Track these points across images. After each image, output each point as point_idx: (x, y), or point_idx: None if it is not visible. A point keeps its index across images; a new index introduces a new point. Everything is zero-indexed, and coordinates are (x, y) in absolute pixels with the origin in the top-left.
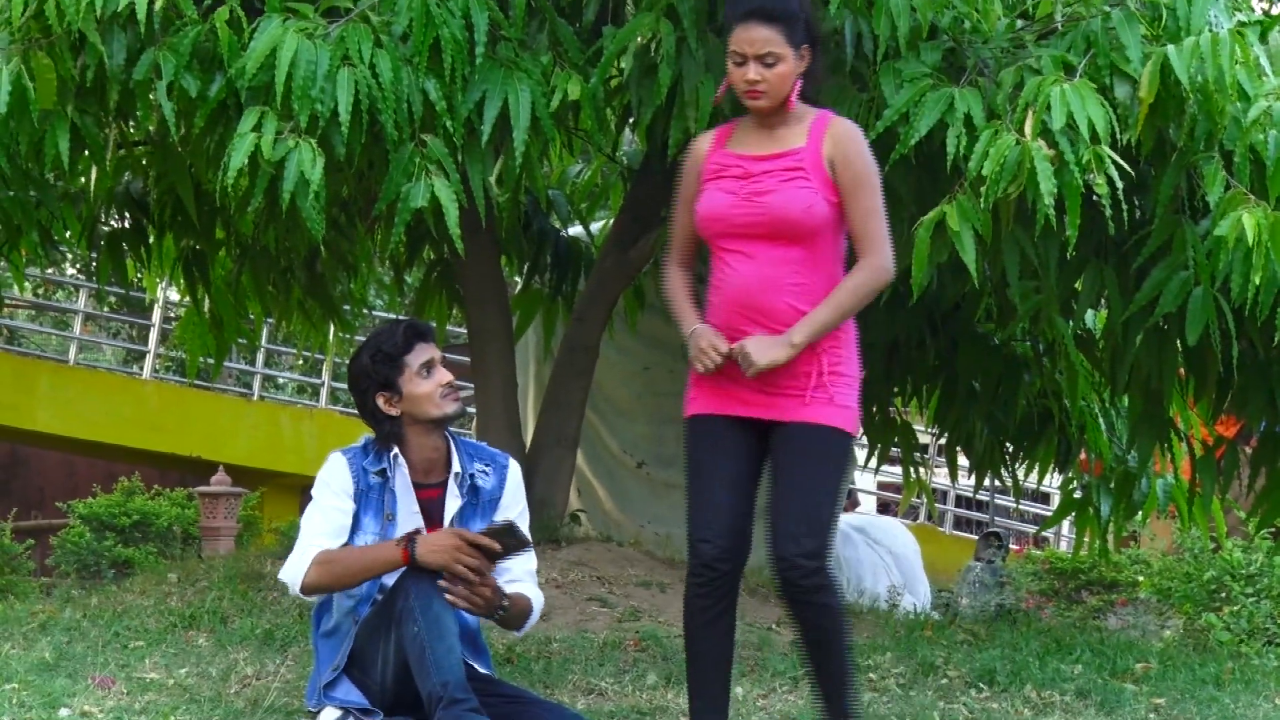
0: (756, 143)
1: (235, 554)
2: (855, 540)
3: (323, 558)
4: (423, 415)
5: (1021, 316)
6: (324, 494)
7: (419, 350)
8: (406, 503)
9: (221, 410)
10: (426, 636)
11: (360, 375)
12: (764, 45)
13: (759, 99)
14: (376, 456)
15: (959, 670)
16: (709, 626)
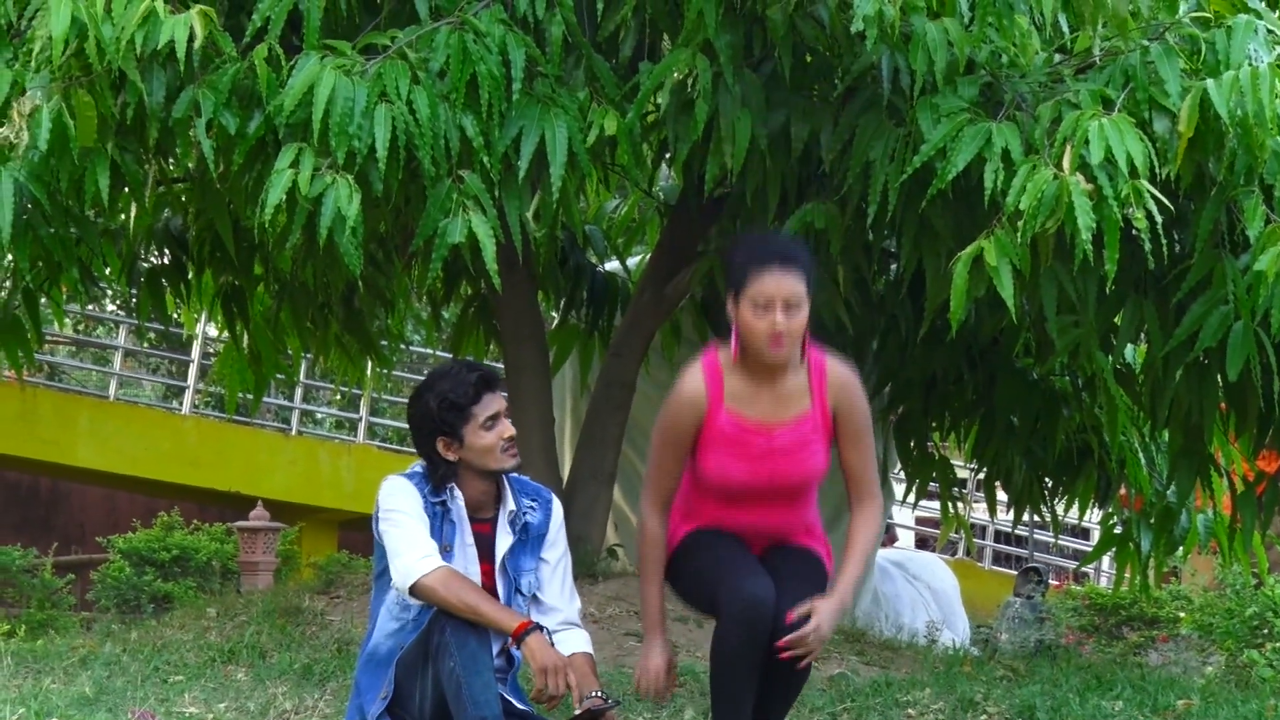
0: (764, 403)
1: (274, 589)
2: (893, 575)
3: (449, 576)
4: (481, 466)
5: (1060, 351)
6: (401, 513)
7: (486, 401)
8: (462, 535)
9: (260, 445)
10: (463, 672)
11: (423, 418)
12: (790, 292)
13: (781, 348)
14: (435, 489)
15: (999, 707)
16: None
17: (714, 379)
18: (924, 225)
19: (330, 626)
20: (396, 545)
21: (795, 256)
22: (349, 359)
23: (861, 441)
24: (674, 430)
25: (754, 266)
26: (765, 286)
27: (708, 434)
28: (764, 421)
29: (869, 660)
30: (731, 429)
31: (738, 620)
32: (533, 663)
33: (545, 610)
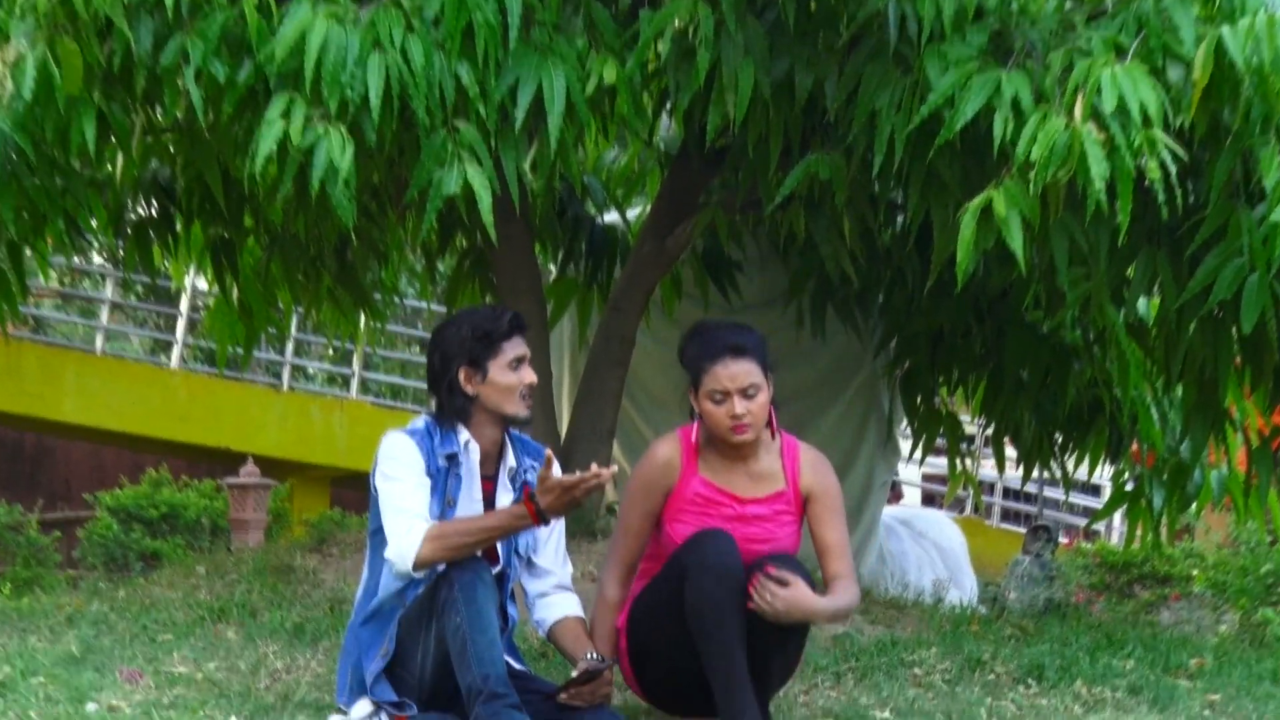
0: (737, 478)
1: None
2: (899, 533)
3: (435, 532)
4: (496, 407)
5: (1071, 304)
6: (401, 470)
7: (517, 341)
8: (470, 490)
9: (250, 401)
10: (469, 629)
11: (453, 343)
12: (746, 378)
13: (746, 433)
14: (445, 439)
15: (1007, 666)
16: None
17: (689, 449)
18: (931, 176)
19: (322, 585)
20: (388, 521)
21: (746, 344)
22: (341, 312)
23: (834, 519)
24: (644, 490)
25: (706, 361)
26: (720, 379)
27: (677, 500)
28: (735, 494)
29: (874, 619)
30: (703, 492)
31: (706, 569)
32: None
33: (538, 573)
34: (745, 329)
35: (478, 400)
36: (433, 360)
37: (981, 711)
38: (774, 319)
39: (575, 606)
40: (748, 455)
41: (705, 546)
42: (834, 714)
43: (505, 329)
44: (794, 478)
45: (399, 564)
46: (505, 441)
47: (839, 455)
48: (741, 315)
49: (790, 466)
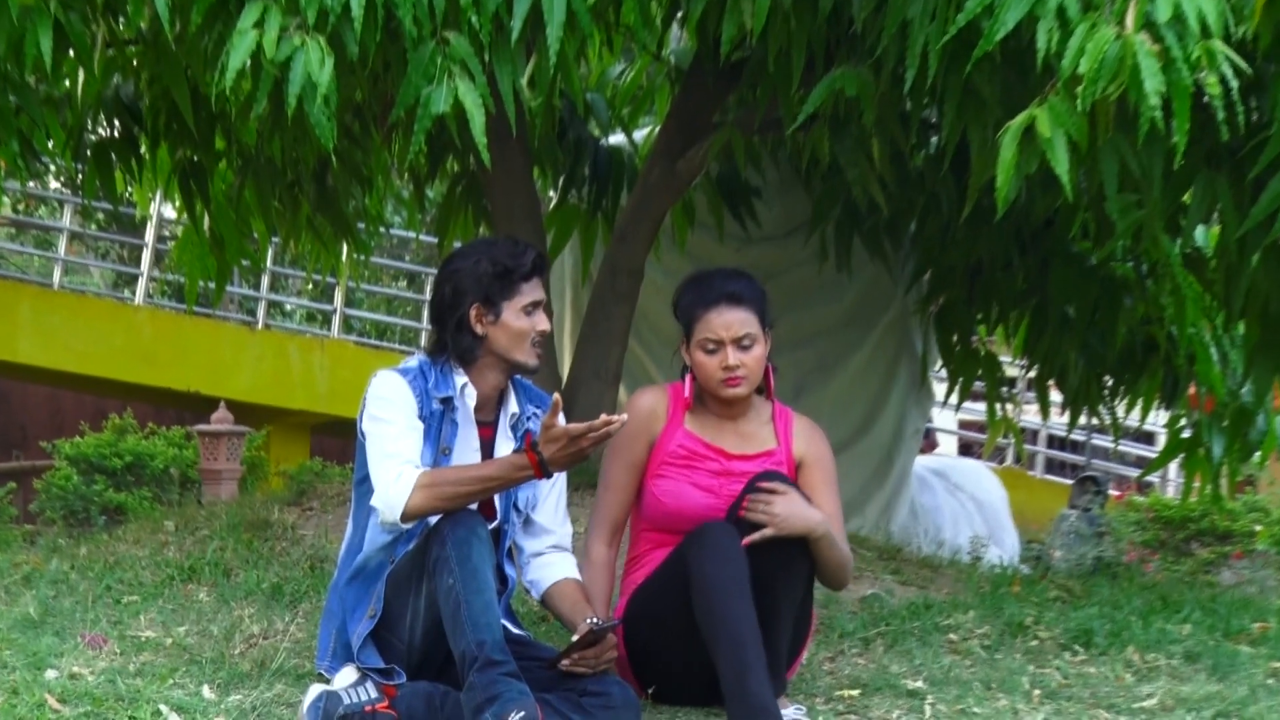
0: (726, 435)
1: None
2: (934, 486)
3: (427, 480)
4: (505, 352)
5: (1121, 233)
6: (391, 412)
7: (535, 285)
8: (467, 437)
9: (223, 340)
10: (463, 590)
11: (468, 277)
12: (741, 327)
13: (738, 385)
14: (441, 381)
15: (1051, 631)
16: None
17: (677, 401)
18: (968, 92)
19: (302, 542)
20: (375, 466)
21: (743, 292)
22: (322, 243)
23: (830, 489)
24: (626, 439)
25: (700, 308)
26: (713, 327)
27: (659, 454)
28: (723, 449)
29: (905, 579)
30: (687, 444)
31: (708, 546)
32: (566, 468)
33: (535, 532)
34: (744, 276)
35: (485, 342)
36: (442, 292)
37: (1023, 680)
38: (795, 251)
39: (573, 569)
40: (738, 414)
41: (706, 534)
42: (862, 683)
43: (527, 268)
44: (786, 440)
45: (386, 513)
46: (507, 386)
47: (867, 400)
48: (760, 247)
49: (783, 430)
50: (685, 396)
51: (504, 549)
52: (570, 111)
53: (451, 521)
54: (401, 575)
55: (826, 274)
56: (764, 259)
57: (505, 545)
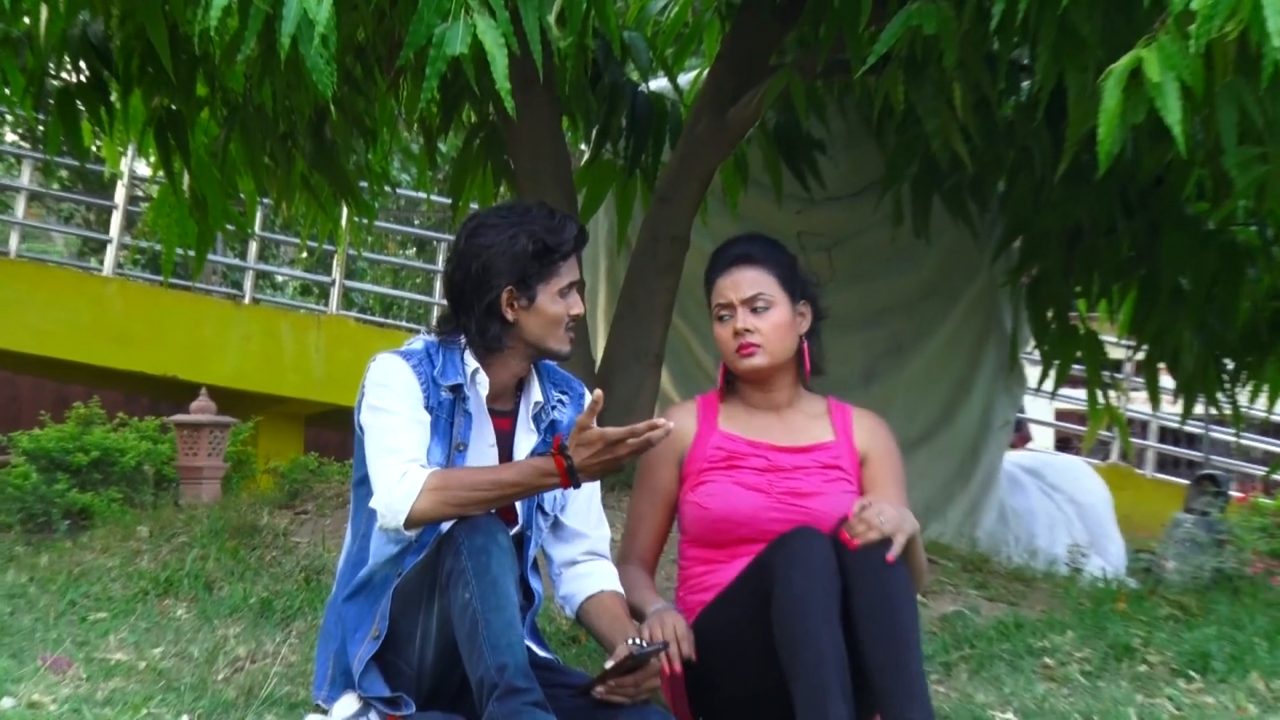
0: (770, 429)
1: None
2: (1026, 486)
3: (437, 482)
4: (537, 340)
5: (1242, 192)
6: (393, 400)
7: (573, 264)
8: (481, 431)
9: (204, 317)
10: (481, 606)
11: (502, 257)
12: (751, 287)
13: (753, 354)
14: (448, 366)
15: (1162, 655)
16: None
17: (708, 409)
18: (1065, 30)
19: (295, 551)
20: (374, 464)
21: (754, 252)
22: (319, 205)
23: (899, 489)
24: (648, 465)
25: (714, 275)
26: (722, 290)
27: (694, 464)
28: (772, 443)
29: (993, 594)
30: (725, 445)
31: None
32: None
33: (566, 536)
34: (763, 239)
35: (515, 328)
36: (467, 268)
37: (1130, 712)
38: (865, 214)
39: (612, 579)
40: (780, 404)
41: (794, 542)
42: (943, 715)
43: (569, 245)
44: (846, 433)
45: (387, 519)
46: (529, 371)
47: (948, 387)
48: (824, 209)
49: (841, 422)
50: (717, 395)
51: (529, 558)
52: (605, 53)
53: (468, 527)
54: (410, 590)
55: (901, 240)
56: (828, 223)
57: (530, 554)
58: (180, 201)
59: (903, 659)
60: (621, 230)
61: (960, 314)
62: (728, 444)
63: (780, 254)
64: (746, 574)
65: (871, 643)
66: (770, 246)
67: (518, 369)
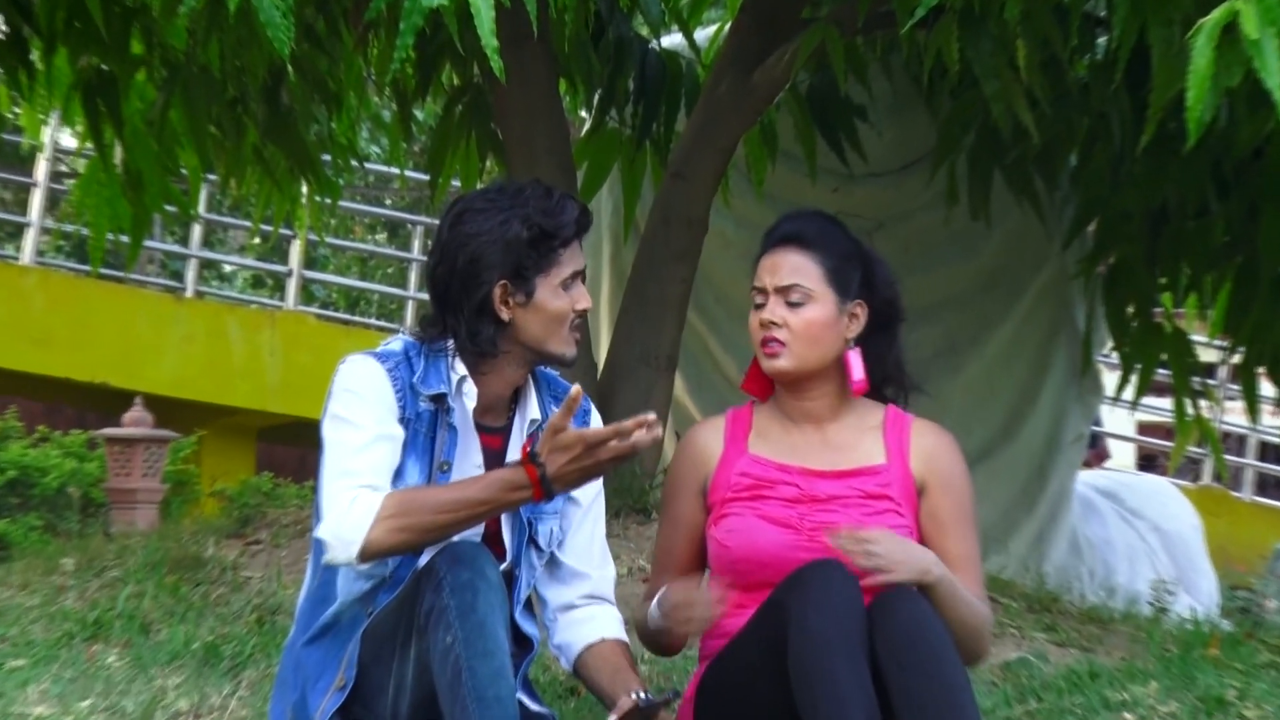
0: (806, 448)
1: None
2: (1102, 511)
3: (393, 507)
4: (536, 342)
5: None
6: (360, 411)
7: (576, 251)
8: (468, 449)
9: (139, 313)
10: (465, 652)
11: (493, 245)
12: (789, 274)
13: (776, 353)
14: (430, 372)
15: (1262, 709)
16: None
17: (738, 423)
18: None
19: (246, 587)
20: (325, 487)
21: (806, 234)
22: (273, 182)
23: (964, 523)
24: (670, 493)
25: (761, 252)
26: (760, 271)
27: (718, 491)
28: (805, 467)
29: (1063, 639)
30: (752, 471)
31: (813, 589)
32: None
33: (564, 576)
34: (825, 220)
35: (511, 329)
36: (453, 261)
37: None
38: (914, 192)
39: (615, 626)
40: (820, 415)
41: (810, 577)
42: None
43: (570, 230)
44: (901, 454)
45: (337, 551)
46: (526, 382)
47: (1012, 393)
48: (865, 186)
49: (896, 440)
50: (750, 409)
51: (519, 598)
52: (610, 4)
53: (450, 558)
54: (382, 632)
55: (956, 223)
56: (870, 203)
57: (521, 593)
58: (111, 178)
59: (955, 700)
60: (628, 212)
61: (1025, 310)
62: (755, 469)
63: (838, 240)
64: (758, 617)
65: (908, 683)
66: (828, 229)
67: (514, 377)
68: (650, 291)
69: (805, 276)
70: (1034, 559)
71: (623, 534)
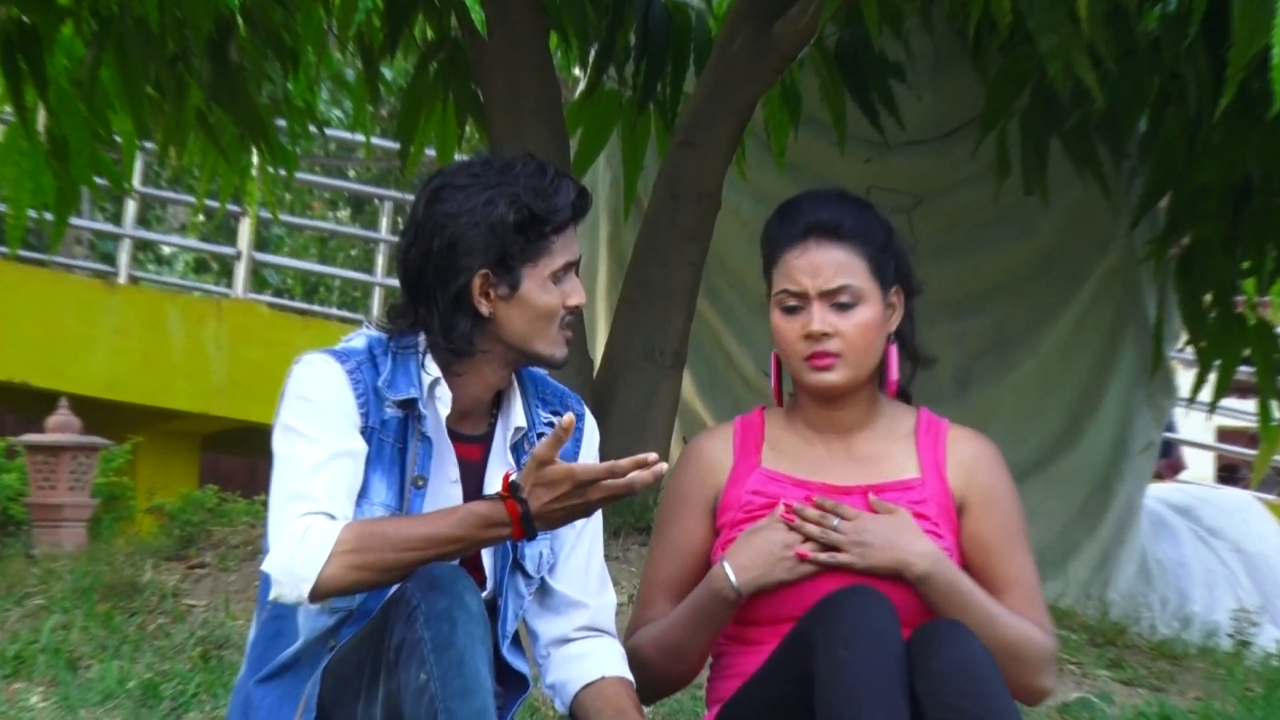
0: (829, 460)
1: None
2: (1177, 531)
3: (354, 540)
4: (520, 340)
5: None
6: (314, 422)
7: (570, 238)
8: (444, 463)
9: (66, 302)
10: (442, 691)
11: (474, 229)
12: (835, 275)
13: (828, 367)
14: (399, 375)
15: None
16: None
17: (748, 432)
18: None
19: (189, 617)
20: (272, 512)
21: (843, 221)
22: (219, 151)
23: (1015, 541)
24: (670, 511)
25: (779, 247)
26: (794, 273)
27: (728, 511)
28: (824, 482)
29: (1130, 676)
30: (766, 490)
31: (842, 634)
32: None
33: (556, 606)
34: (856, 203)
35: (492, 326)
36: (428, 244)
37: None
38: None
39: (618, 661)
40: (850, 425)
41: (841, 607)
42: None
43: (565, 214)
44: (937, 466)
45: (285, 588)
46: (510, 384)
47: (1072, 394)
48: (902, 156)
49: (931, 450)
50: (760, 416)
51: (505, 630)
52: None
53: (425, 584)
54: (347, 668)
55: (1007, 199)
56: (909, 175)
57: (508, 625)
58: (34, 146)
59: None
60: (629, 185)
61: (1087, 299)
62: (770, 486)
63: (874, 224)
64: (779, 653)
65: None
66: (863, 214)
67: (494, 379)
68: (654, 277)
69: (853, 274)
70: (1097, 585)
71: (623, 556)
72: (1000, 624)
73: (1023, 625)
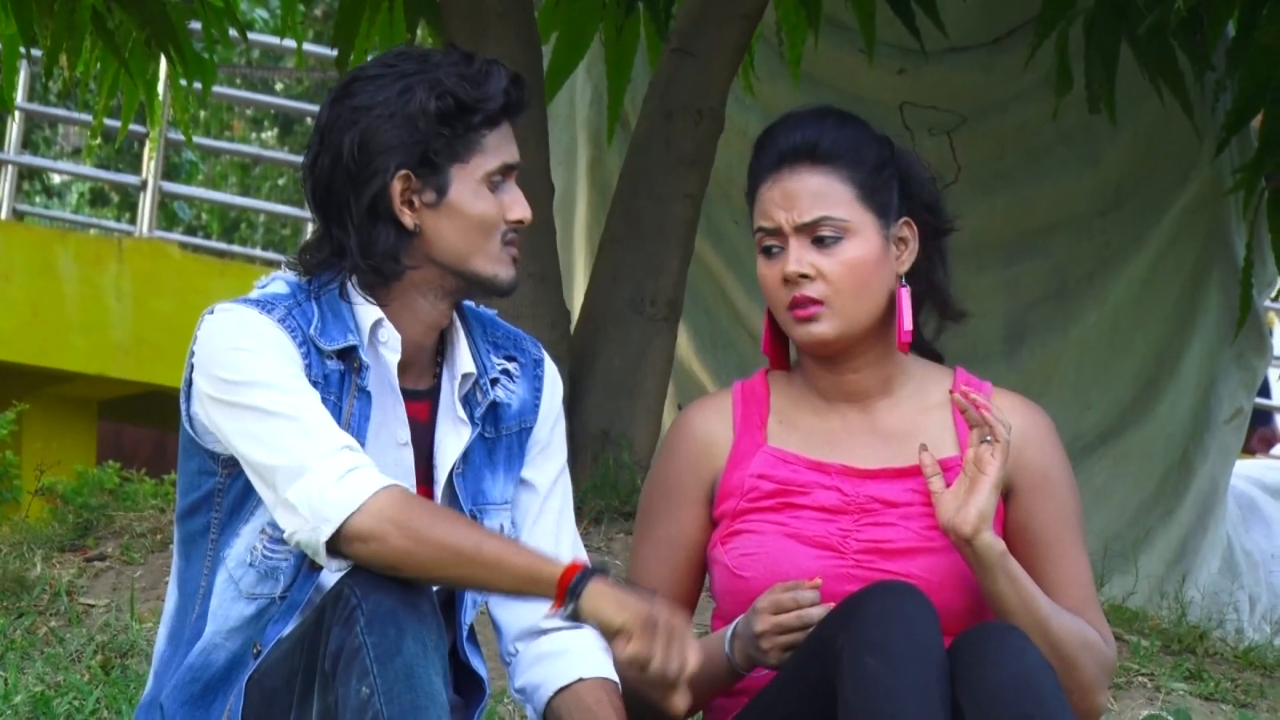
0: (847, 438)
1: None
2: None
3: (401, 504)
4: (454, 259)
5: None
6: (271, 367)
7: (505, 135)
8: (389, 422)
9: None
10: (388, 708)
11: (389, 123)
12: (812, 203)
13: (814, 318)
14: (330, 321)
15: None
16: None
17: (751, 402)
18: None
19: (87, 619)
20: (288, 457)
21: (822, 143)
22: (120, 61)
23: (1068, 530)
24: (657, 496)
25: (755, 177)
26: (768, 206)
27: (728, 498)
28: (843, 464)
29: (1211, 687)
30: (774, 474)
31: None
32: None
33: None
34: (838, 116)
35: (418, 241)
36: (337, 147)
37: None
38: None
39: (597, 659)
40: (864, 391)
41: (872, 607)
42: None
43: (495, 104)
44: None
45: (301, 527)
46: (452, 323)
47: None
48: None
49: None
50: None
51: (463, 620)
52: None
53: (363, 579)
54: (274, 681)
55: (1069, 118)
56: (950, 89)
57: (466, 614)
58: None
59: None
60: (614, 102)
61: (1163, 238)
62: (778, 469)
63: (862, 140)
64: (797, 661)
65: None
66: (845, 130)
67: (432, 315)
68: (645, 212)
69: (835, 204)
70: (1173, 581)
71: (606, 547)
72: (1055, 626)
73: (1082, 629)
